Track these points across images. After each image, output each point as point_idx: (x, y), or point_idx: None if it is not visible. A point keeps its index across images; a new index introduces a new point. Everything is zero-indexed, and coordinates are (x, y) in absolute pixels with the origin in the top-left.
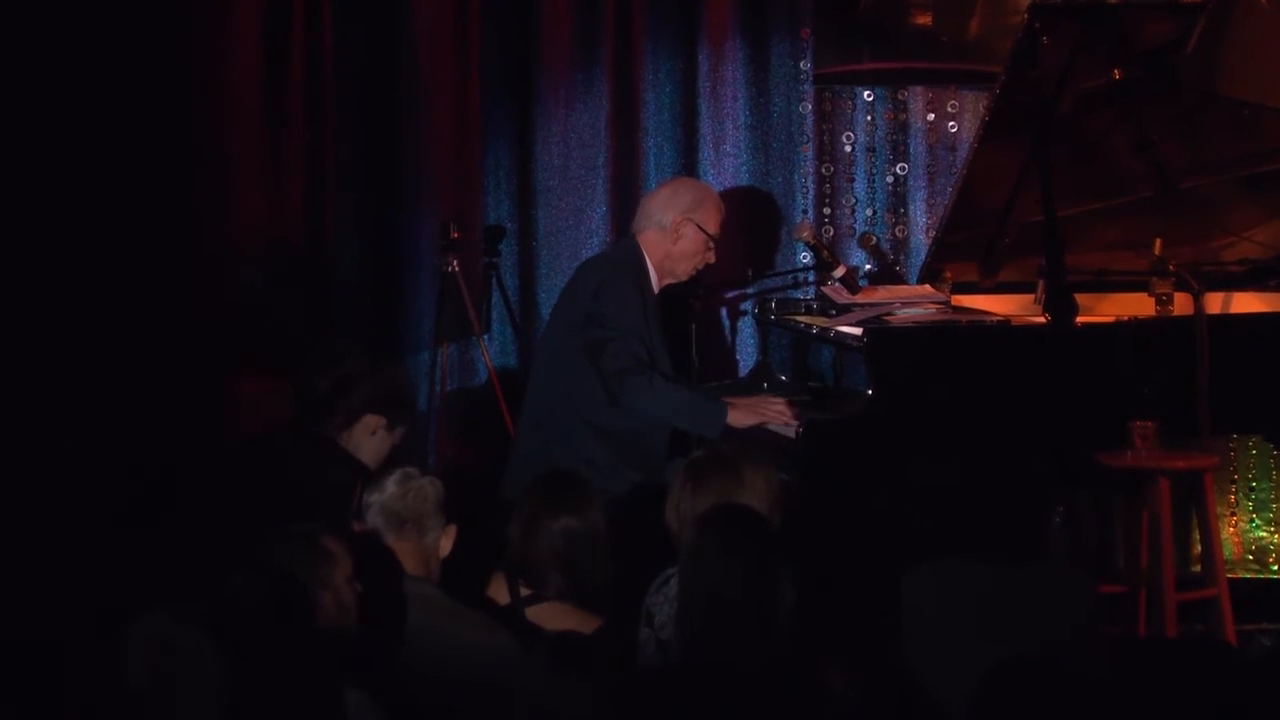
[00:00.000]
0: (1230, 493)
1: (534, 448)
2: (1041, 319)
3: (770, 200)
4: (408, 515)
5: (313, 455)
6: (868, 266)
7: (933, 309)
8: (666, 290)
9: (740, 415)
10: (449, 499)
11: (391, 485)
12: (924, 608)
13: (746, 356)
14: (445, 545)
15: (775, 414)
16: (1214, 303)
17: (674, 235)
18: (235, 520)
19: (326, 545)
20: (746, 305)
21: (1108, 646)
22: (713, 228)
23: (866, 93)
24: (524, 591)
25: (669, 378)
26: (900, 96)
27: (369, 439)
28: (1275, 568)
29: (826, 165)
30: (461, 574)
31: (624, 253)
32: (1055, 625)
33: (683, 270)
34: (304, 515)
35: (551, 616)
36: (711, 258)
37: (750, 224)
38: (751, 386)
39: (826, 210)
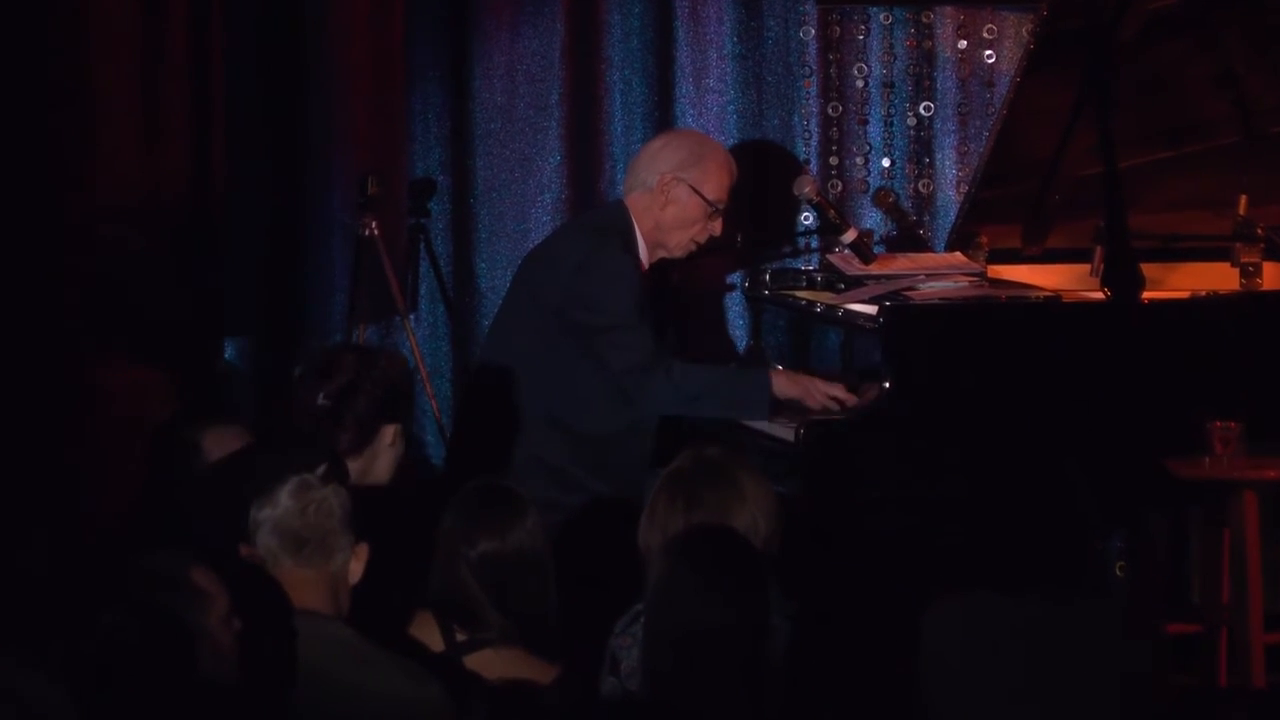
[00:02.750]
0: None
1: (480, 450)
2: (1099, 294)
3: (764, 148)
4: (309, 535)
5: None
6: (884, 229)
7: (964, 282)
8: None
9: (784, 384)
10: (367, 515)
11: (286, 498)
12: (948, 652)
13: (735, 340)
14: (356, 569)
15: (821, 398)
16: None
17: (661, 199)
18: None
19: (196, 582)
20: (735, 277)
21: (1179, 699)
22: (712, 191)
23: (883, 14)
24: (459, 636)
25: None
26: (925, 19)
27: (388, 452)
28: None
29: (834, 104)
30: (382, 605)
31: (609, 218)
32: (1110, 675)
33: (675, 243)
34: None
35: (497, 665)
36: (716, 229)
37: (740, 177)
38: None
39: (834, 160)
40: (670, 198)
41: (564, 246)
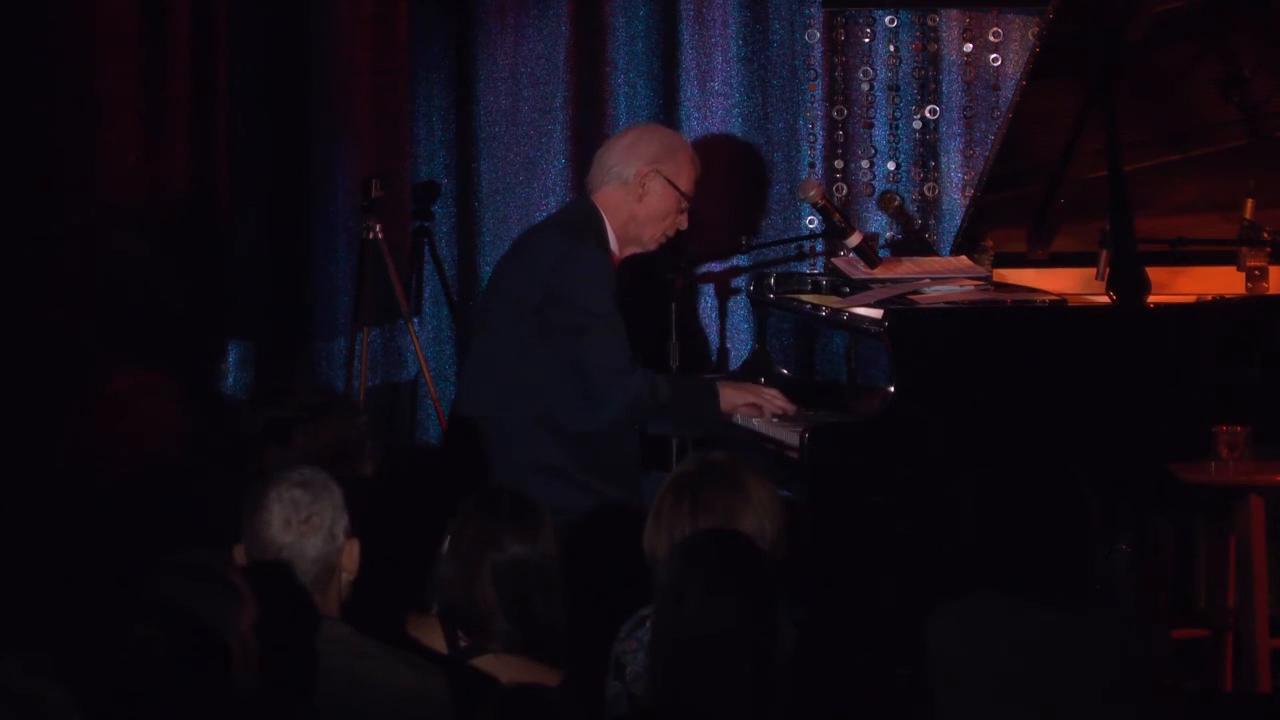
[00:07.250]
0: None
1: (472, 455)
2: (1105, 298)
3: (769, 152)
4: (302, 530)
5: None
6: (890, 233)
7: (970, 286)
8: (635, 262)
9: (732, 393)
10: (370, 515)
11: (278, 494)
12: (954, 657)
13: (739, 345)
14: (349, 565)
15: (767, 401)
16: None
17: (638, 191)
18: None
19: (236, 584)
20: (739, 281)
21: (1185, 704)
22: (685, 184)
23: (889, 17)
24: (462, 641)
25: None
26: (930, 22)
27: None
28: None
29: (839, 108)
30: (380, 605)
31: (579, 215)
32: (1115, 680)
33: (649, 236)
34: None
35: (500, 670)
36: (683, 223)
37: (744, 181)
38: (746, 381)
39: (839, 164)
40: (647, 190)
41: (538, 245)
